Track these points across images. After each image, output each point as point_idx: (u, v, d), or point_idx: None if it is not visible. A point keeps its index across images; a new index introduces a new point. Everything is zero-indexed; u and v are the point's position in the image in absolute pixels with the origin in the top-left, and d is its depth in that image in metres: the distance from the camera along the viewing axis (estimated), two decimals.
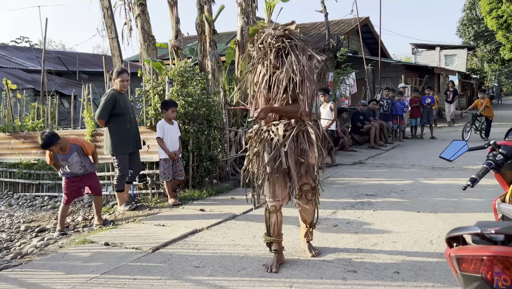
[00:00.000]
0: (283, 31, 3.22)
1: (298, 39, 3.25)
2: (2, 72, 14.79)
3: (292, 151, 3.28)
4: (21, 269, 3.70)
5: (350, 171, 8.00)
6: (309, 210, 3.61)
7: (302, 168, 3.38)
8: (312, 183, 3.49)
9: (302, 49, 3.23)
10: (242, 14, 8.39)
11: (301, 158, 3.33)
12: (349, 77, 14.49)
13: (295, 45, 3.19)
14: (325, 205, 5.51)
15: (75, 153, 4.95)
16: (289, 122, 3.29)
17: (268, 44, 3.22)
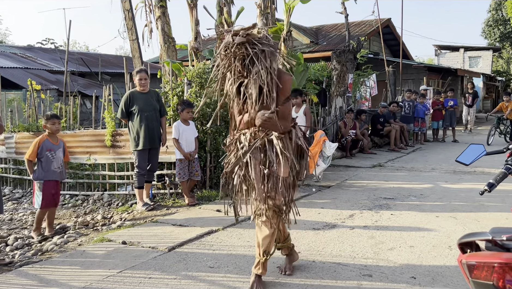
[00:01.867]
0: (244, 37, 2.83)
1: (265, 44, 2.86)
2: (27, 73, 15.20)
3: (257, 161, 3.02)
4: (41, 265, 3.79)
5: (369, 173, 7.91)
6: (264, 232, 3.12)
7: (270, 181, 3.02)
8: (277, 200, 3.06)
9: (270, 55, 2.87)
10: (261, 16, 8.40)
11: (266, 169, 3.01)
12: (369, 79, 14.34)
13: (262, 51, 2.83)
14: (342, 207, 5.47)
15: (61, 148, 5.07)
16: (255, 130, 3.03)
17: (231, 52, 2.86)
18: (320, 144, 6.62)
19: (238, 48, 2.83)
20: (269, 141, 3.02)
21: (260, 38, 2.87)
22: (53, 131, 5.00)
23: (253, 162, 3.00)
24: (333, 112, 10.58)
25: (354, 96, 12.65)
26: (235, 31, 2.88)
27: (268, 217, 3.07)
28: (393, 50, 21.48)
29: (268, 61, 2.84)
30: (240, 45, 2.82)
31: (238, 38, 2.82)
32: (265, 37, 2.89)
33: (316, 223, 4.82)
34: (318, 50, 17.75)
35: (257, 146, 3.01)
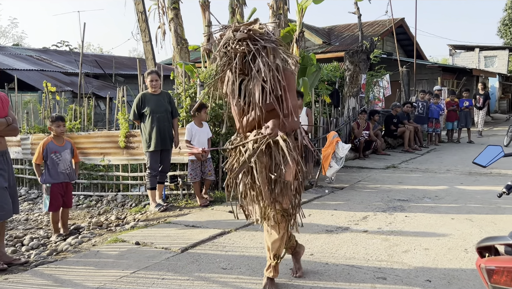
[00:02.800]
0: (246, 33, 2.70)
1: (267, 40, 2.74)
2: (43, 75, 15.43)
3: (263, 165, 2.90)
4: (56, 265, 3.83)
5: (383, 175, 7.83)
6: (273, 236, 3.04)
7: (278, 185, 2.92)
8: (285, 204, 2.98)
9: (272, 51, 2.75)
10: (274, 17, 8.39)
11: (273, 173, 2.90)
12: (383, 79, 14.23)
13: (264, 47, 2.71)
14: (356, 209, 5.42)
15: (68, 150, 5.05)
16: (260, 132, 2.88)
17: (231, 48, 2.73)
18: (333, 145, 6.58)
19: (239, 44, 2.70)
20: (274, 143, 2.88)
21: (262, 34, 2.75)
22: (58, 134, 5.01)
23: (258, 166, 2.88)
24: (346, 113, 10.51)
25: (367, 96, 12.57)
26: (236, 26, 2.75)
27: (277, 221, 2.98)
28: (406, 50, 21.28)
29: (270, 57, 2.72)
30: (241, 41, 2.70)
31: (239, 34, 2.69)
32: (267, 33, 2.78)
33: (329, 225, 4.78)
34: (331, 51, 17.67)
35: (262, 148, 2.87)
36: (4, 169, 3.89)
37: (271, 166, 2.91)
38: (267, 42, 2.73)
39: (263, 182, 2.89)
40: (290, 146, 2.84)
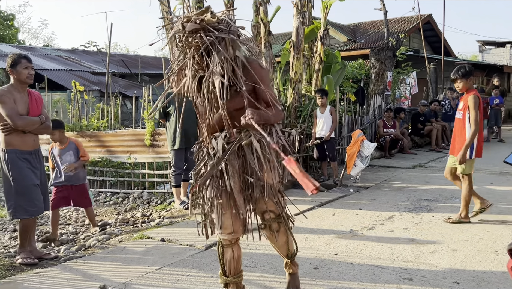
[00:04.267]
0: (197, 24, 2.38)
1: (224, 30, 2.44)
2: (71, 75, 15.83)
3: (235, 169, 2.61)
4: (84, 260, 3.92)
5: (409, 174, 7.69)
6: (278, 242, 2.85)
7: (257, 189, 2.64)
8: (275, 209, 2.76)
9: (231, 42, 2.46)
10: (298, 15, 8.33)
11: (252, 176, 2.63)
12: (409, 76, 13.97)
13: (220, 38, 2.41)
14: (381, 209, 5.35)
15: (71, 151, 5.03)
16: (231, 132, 2.63)
17: (184, 42, 2.45)
18: (358, 144, 6.50)
19: (192, 37, 2.40)
20: (247, 145, 2.60)
21: (218, 23, 2.43)
22: (54, 141, 5.05)
23: (230, 171, 2.59)
24: (371, 111, 10.37)
25: (394, 94, 12.36)
26: (187, 17, 2.44)
27: (274, 229, 2.78)
28: (434, 47, 20.80)
29: (229, 49, 2.44)
30: (193, 33, 2.39)
31: (190, 25, 2.39)
32: (224, 23, 2.46)
33: (354, 224, 4.73)
34: (356, 48, 17.45)
35: (234, 150, 2.60)
36: (36, 167, 4.02)
37: (247, 169, 2.63)
38: (224, 33, 2.43)
39: (236, 188, 2.59)
40: (265, 146, 2.57)
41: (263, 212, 2.75)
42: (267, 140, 2.51)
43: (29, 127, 3.92)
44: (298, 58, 8.34)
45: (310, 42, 9.70)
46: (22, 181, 3.88)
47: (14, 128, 3.84)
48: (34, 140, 4.03)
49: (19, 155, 3.89)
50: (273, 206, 2.74)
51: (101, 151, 7.51)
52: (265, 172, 2.61)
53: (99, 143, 7.53)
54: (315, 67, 9.24)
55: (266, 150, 2.57)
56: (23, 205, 3.90)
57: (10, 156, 3.86)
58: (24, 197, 3.90)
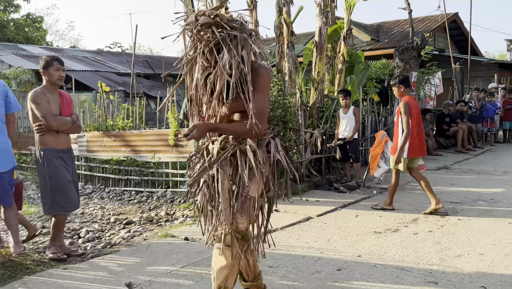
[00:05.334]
0: (210, 18, 2.31)
1: (236, 28, 2.34)
2: (97, 76, 16.17)
3: (226, 175, 2.46)
4: (110, 257, 4.01)
5: (434, 176, 7.56)
6: (221, 261, 2.54)
7: (238, 201, 2.46)
8: (241, 224, 2.47)
9: (242, 41, 2.34)
10: (321, 15, 8.31)
11: (236, 185, 2.48)
12: (434, 76, 13.70)
13: (232, 36, 2.32)
14: (405, 211, 5.28)
15: None
16: (227, 138, 2.52)
17: (195, 36, 2.36)
18: (382, 145, 6.43)
19: (204, 31, 2.33)
20: (241, 152, 2.46)
21: (231, 21, 2.35)
22: None
23: (221, 176, 2.46)
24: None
25: (418, 95, 12.16)
26: (201, 11, 2.38)
27: (228, 243, 2.48)
28: (460, 46, 20.34)
29: (239, 48, 2.32)
30: (205, 27, 2.32)
31: (203, 18, 2.31)
32: (237, 21, 2.38)
33: (377, 226, 4.69)
34: (379, 48, 17.24)
35: (227, 156, 2.47)
36: (69, 165, 4.17)
37: (235, 178, 2.49)
38: (236, 31, 2.33)
39: (224, 194, 2.44)
40: (259, 158, 2.43)
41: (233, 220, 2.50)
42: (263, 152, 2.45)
43: (62, 127, 4.06)
44: (321, 58, 8.31)
45: (333, 42, 9.64)
46: (58, 178, 4.02)
47: (48, 129, 3.98)
48: (67, 139, 4.19)
49: (54, 153, 4.04)
50: (241, 220, 2.47)
51: (126, 150, 7.65)
52: (251, 184, 2.45)
53: (124, 143, 7.67)
54: (338, 67, 9.18)
55: (260, 162, 2.43)
56: (59, 201, 4.03)
57: (45, 155, 4.00)
58: (60, 194, 4.03)
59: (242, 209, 2.45)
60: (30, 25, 24.32)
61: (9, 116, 4.10)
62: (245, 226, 2.49)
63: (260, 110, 2.40)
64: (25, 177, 9.22)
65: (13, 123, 4.23)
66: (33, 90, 4.05)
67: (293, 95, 7.31)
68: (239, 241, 2.49)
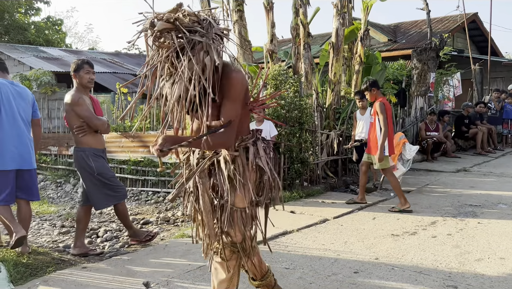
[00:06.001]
0: (169, 23, 2.08)
1: (200, 32, 2.10)
2: (115, 77, 16.38)
3: (205, 187, 2.36)
4: (128, 257, 4.06)
5: (453, 178, 7.45)
6: (220, 274, 2.49)
7: (224, 213, 2.36)
8: (235, 235, 2.39)
9: (206, 46, 2.11)
10: (338, 16, 8.27)
11: (217, 198, 2.39)
12: (453, 78, 13.50)
13: (196, 41, 2.09)
14: (423, 213, 5.21)
15: None
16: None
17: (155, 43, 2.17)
18: (400, 147, 6.37)
19: (164, 37, 2.11)
20: (219, 162, 2.37)
21: (194, 24, 2.10)
22: None
23: (201, 189, 2.37)
24: (413, 113, 10.12)
25: (436, 96, 12.00)
26: (159, 14, 2.13)
27: (224, 258, 2.43)
28: (479, 47, 19.99)
29: (201, 54, 2.09)
30: (163, 33, 2.10)
31: (160, 24, 2.08)
32: (205, 21, 2.15)
33: (395, 229, 4.64)
34: (397, 49, 17.05)
35: (205, 168, 2.37)
36: (107, 162, 4.44)
37: (217, 190, 2.40)
38: (198, 36, 2.09)
39: (206, 208, 2.36)
40: (240, 165, 2.32)
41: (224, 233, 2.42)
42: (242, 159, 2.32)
43: (102, 127, 4.23)
44: (338, 59, 8.27)
45: (349, 43, 9.59)
46: (106, 172, 4.26)
47: (88, 129, 4.13)
48: (103, 139, 4.38)
49: (96, 152, 4.22)
50: (235, 232, 2.39)
51: (143, 151, 7.73)
52: (237, 195, 2.34)
53: (142, 143, 7.75)
54: (354, 68, 9.12)
55: (240, 171, 2.30)
56: (111, 193, 4.26)
57: (90, 154, 4.17)
58: (111, 186, 4.25)
59: (232, 222, 2.35)
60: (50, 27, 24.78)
61: (35, 120, 4.32)
62: (239, 238, 2.41)
63: (230, 119, 2.25)
64: (44, 177, 9.40)
65: (39, 126, 4.47)
66: (71, 93, 4.16)
67: (309, 96, 7.29)
68: (236, 254, 2.44)
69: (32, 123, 4.28)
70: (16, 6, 21.35)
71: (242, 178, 2.31)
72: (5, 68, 4.21)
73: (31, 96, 4.27)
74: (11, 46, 17.31)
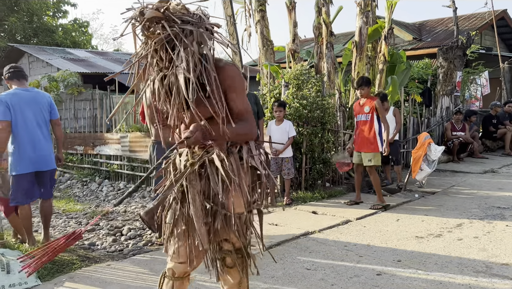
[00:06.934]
0: (159, 12, 1.98)
1: (193, 22, 2.01)
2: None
3: (196, 191, 2.18)
4: (151, 255, 4.11)
5: (480, 180, 7.26)
6: (229, 282, 2.37)
7: (218, 218, 2.20)
8: (236, 241, 2.26)
9: (199, 36, 2.01)
10: (361, 14, 8.17)
11: (214, 202, 2.21)
12: (481, 76, 13.16)
13: (188, 31, 1.99)
14: (449, 215, 5.10)
15: None
16: (193, 148, 2.24)
17: (144, 33, 2.05)
18: (425, 147, 6.24)
19: (154, 27, 2.00)
20: (211, 163, 2.18)
21: (185, 14, 2.03)
22: None
23: (191, 193, 2.18)
24: (438, 113, 9.91)
25: (463, 95, 11.73)
26: (149, 4, 2.03)
27: (230, 265, 2.33)
28: (509, 45, 19.42)
29: (194, 45, 1.99)
30: (153, 22, 1.99)
31: (150, 12, 1.98)
32: (195, 15, 2.07)
33: (419, 231, 4.55)
34: (422, 47, 16.73)
35: (195, 169, 2.19)
36: None
37: (209, 194, 2.22)
38: (191, 26, 2.00)
39: (197, 214, 2.18)
40: (231, 167, 2.14)
41: (221, 241, 2.29)
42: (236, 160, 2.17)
43: None
44: (361, 58, 8.18)
45: (373, 42, 9.46)
46: None
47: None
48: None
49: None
50: (233, 237, 2.25)
51: None
52: (230, 199, 2.18)
53: None
54: (378, 67, 9.00)
55: (235, 172, 2.15)
56: None
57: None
58: None
59: (231, 227, 2.20)
60: (76, 30, 25.34)
61: (54, 121, 4.43)
62: (241, 244, 2.27)
63: (243, 110, 2.17)
64: (71, 176, 9.64)
65: (59, 126, 4.57)
66: None
67: (332, 96, 7.23)
68: (240, 259, 2.32)
69: (51, 123, 4.41)
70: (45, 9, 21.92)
71: (237, 179, 2.15)
72: (22, 75, 4.33)
73: (46, 99, 4.36)
74: (39, 48, 17.79)
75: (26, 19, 20.09)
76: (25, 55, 16.26)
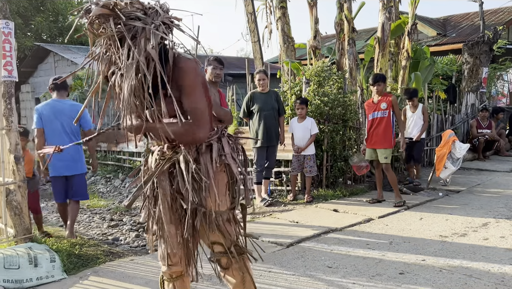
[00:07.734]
0: (106, 9, 1.87)
1: (142, 18, 1.91)
2: None
3: (165, 192, 2.14)
4: None
5: (507, 178, 7.08)
6: (230, 280, 2.31)
7: (197, 218, 2.14)
8: (224, 241, 2.20)
9: (149, 33, 1.90)
10: (384, 10, 8.05)
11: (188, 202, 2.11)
12: (508, 72, 12.81)
13: (139, 28, 1.89)
14: (474, 214, 4.99)
15: None
16: (163, 147, 2.18)
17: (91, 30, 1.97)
18: (449, 145, 6.12)
19: (103, 24, 1.91)
20: (178, 163, 2.13)
21: (138, 9, 1.93)
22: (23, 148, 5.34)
23: (160, 195, 2.15)
24: (463, 109, 9.70)
25: (489, 92, 11.45)
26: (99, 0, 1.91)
27: (224, 267, 2.26)
28: None
29: (142, 42, 1.89)
30: (101, 19, 1.90)
31: (96, 9, 1.87)
32: (148, 11, 1.95)
33: (443, 230, 4.47)
34: (446, 43, 16.38)
35: (164, 170, 2.13)
36: None
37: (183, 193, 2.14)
38: (140, 22, 1.90)
39: (165, 213, 2.14)
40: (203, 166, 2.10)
41: (211, 244, 2.23)
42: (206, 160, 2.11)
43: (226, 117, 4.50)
44: (384, 54, 8.08)
45: (396, 38, 9.32)
46: None
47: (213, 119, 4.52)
48: None
49: None
50: (219, 238, 2.19)
51: None
52: (208, 198, 2.13)
53: None
54: (401, 63, 8.87)
55: (204, 172, 2.09)
56: None
57: None
58: None
59: (211, 227, 2.15)
60: None
61: (86, 132, 4.62)
62: (229, 243, 2.21)
63: (193, 111, 2.02)
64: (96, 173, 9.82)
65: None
66: None
67: (354, 93, 7.16)
68: (235, 258, 2.24)
69: (83, 134, 4.64)
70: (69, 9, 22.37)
71: (207, 179, 2.09)
72: (62, 87, 4.58)
73: (76, 110, 4.54)
74: (64, 47, 18.16)
75: (52, 18, 20.53)
76: (50, 54, 16.61)
